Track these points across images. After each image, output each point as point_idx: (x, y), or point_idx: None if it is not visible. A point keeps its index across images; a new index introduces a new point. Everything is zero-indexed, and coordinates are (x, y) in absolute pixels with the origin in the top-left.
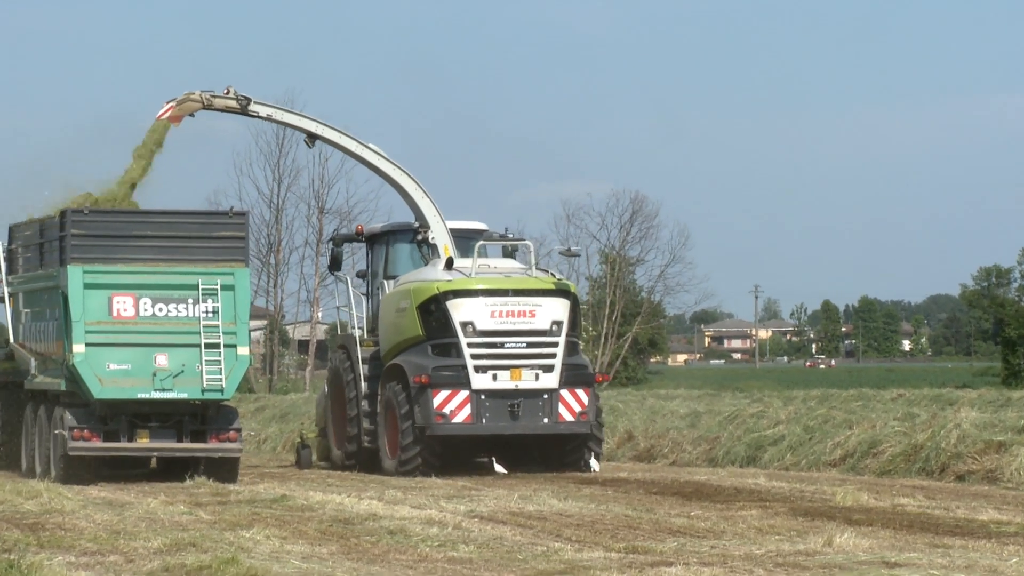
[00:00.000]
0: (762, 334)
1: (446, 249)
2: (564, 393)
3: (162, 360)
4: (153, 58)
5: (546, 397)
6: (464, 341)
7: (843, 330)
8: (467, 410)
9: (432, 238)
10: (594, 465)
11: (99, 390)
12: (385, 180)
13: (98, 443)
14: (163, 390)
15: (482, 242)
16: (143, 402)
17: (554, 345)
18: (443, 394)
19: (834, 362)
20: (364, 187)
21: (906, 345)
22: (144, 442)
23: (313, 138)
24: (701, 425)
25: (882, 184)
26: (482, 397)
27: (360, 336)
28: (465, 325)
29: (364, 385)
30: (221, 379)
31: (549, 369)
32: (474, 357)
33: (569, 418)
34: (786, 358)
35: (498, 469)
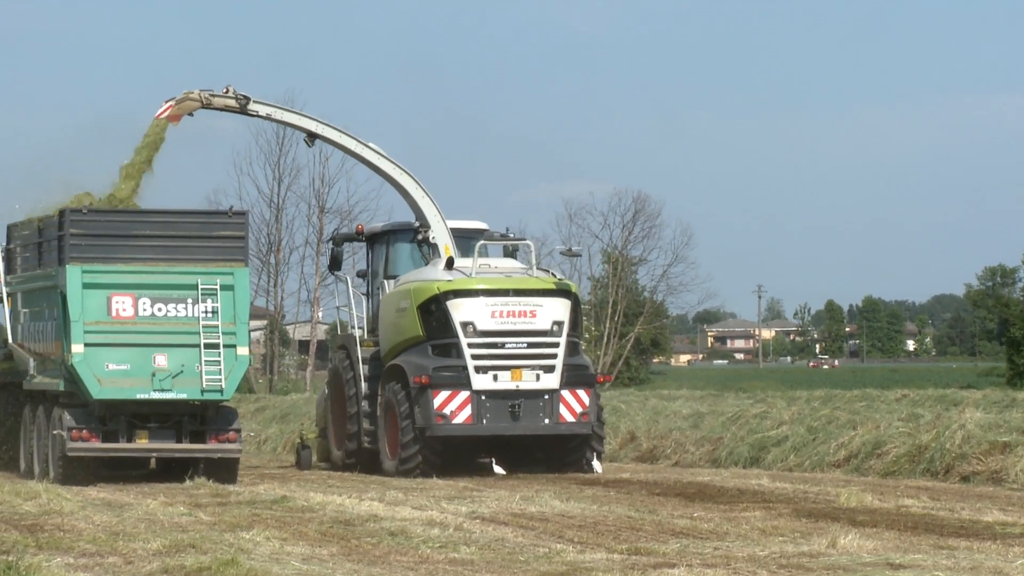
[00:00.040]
0: (765, 334)
1: (447, 249)
2: (565, 394)
3: (161, 360)
4: (153, 58)
5: (547, 398)
6: (464, 341)
7: (847, 330)
8: (467, 411)
9: (432, 238)
10: (596, 466)
11: (98, 390)
12: (385, 179)
13: (97, 444)
14: (162, 390)
15: (483, 242)
16: (142, 402)
17: (555, 345)
18: (443, 395)
19: (838, 362)
20: (365, 186)
21: (910, 345)
22: (143, 443)
23: (313, 137)
24: (704, 426)
25: (886, 183)
26: (482, 398)
27: (360, 336)
28: (465, 325)
29: (364, 385)
30: (220, 379)
31: (550, 370)
32: (475, 357)
33: (570, 419)
34: (789, 358)
35: (497, 470)
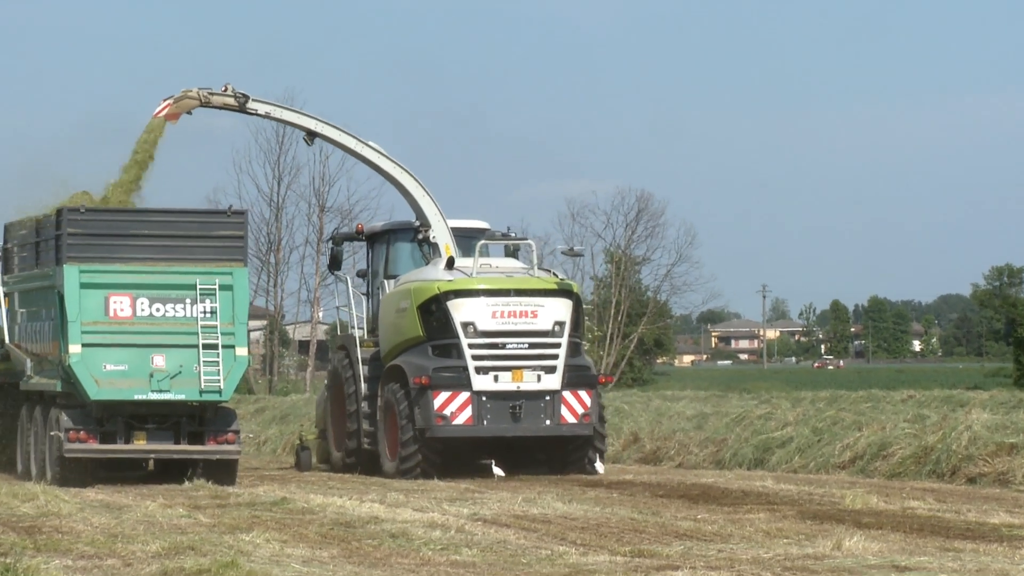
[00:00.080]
0: (770, 334)
1: (447, 248)
2: (566, 394)
3: (159, 361)
4: (151, 56)
5: (548, 399)
6: (465, 342)
7: (852, 330)
8: (468, 412)
9: (433, 237)
10: (599, 467)
11: (95, 391)
12: (385, 178)
13: (94, 445)
14: (160, 391)
15: (484, 241)
16: (140, 403)
17: (556, 346)
18: (444, 395)
19: (843, 363)
20: (365, 185)
21: (916, 346)
22: (141, 444)
23: (312, 136)
24: (708, 427)
25: (893, 182)
26: (483, 398)
27: (360, 336)
28: (466, 325)
29: (364, 386)
30: (219, 380)
31: (551, 370)
32: (475, 358)
33: (571, 420)
34: (794, 359)
35: (497, 472)
